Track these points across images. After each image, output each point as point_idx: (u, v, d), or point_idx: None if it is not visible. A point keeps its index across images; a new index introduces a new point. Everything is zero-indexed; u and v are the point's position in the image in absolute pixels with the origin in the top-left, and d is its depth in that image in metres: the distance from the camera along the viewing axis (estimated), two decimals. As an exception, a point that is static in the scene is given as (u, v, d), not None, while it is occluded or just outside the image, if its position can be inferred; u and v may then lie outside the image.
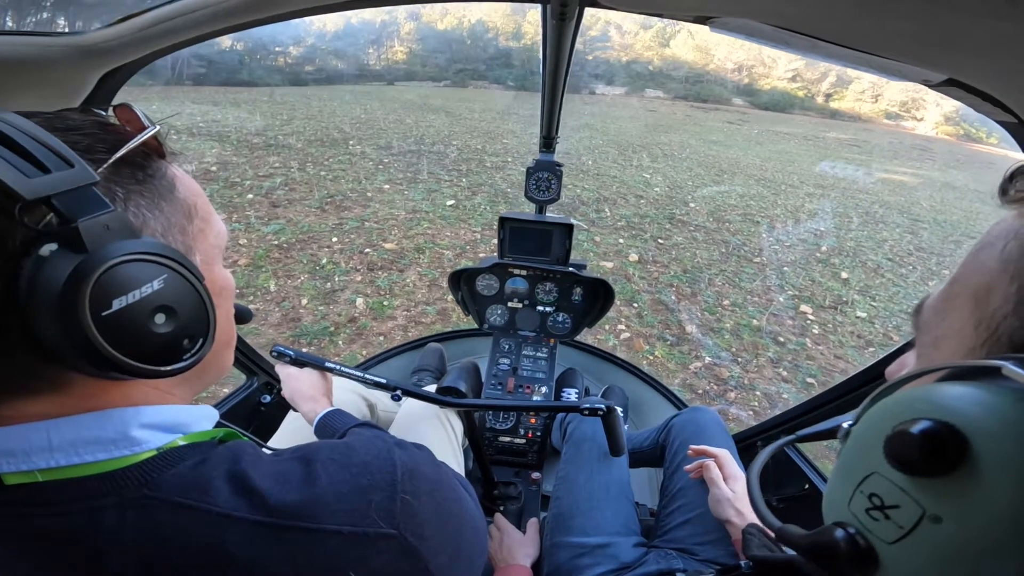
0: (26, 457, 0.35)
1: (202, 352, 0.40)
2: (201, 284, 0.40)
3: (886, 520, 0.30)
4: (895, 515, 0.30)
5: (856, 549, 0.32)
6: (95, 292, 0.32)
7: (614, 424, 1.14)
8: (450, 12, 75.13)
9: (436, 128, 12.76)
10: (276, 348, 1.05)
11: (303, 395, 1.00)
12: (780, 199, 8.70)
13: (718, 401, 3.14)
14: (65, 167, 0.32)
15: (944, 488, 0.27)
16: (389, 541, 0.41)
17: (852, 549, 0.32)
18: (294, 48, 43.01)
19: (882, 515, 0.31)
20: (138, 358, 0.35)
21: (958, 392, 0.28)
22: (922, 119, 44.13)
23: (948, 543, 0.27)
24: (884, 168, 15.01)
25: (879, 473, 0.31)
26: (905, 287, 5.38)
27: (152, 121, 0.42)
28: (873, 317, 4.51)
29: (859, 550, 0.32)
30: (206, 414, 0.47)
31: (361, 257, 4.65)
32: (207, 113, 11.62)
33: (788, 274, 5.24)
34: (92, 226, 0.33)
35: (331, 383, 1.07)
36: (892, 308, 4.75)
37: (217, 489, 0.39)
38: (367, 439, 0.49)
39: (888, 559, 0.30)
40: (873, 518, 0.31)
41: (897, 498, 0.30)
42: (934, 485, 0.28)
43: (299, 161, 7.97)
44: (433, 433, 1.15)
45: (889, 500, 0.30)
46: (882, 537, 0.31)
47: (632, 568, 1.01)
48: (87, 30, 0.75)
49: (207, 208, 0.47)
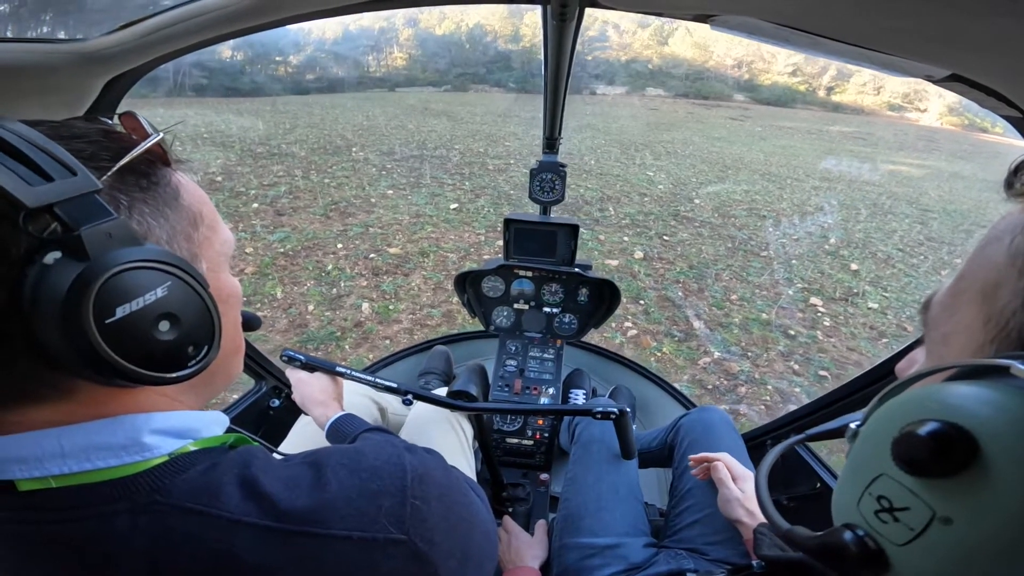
0: (39, 463, 0.36)
1: (208, 359, 0.40)
2: (206, 291, 0.40)
3: (895, 522, 0.30)
4: (904, 517, 0.29)
5: (866, 551, 0.31)
6: (99, 300, 0.32)
7: (626, 427, 1.13)
8: (448, 17, 75.61)
9: (438, 133, 12.79)
10: (286, 353, 1.04)
11: (314, 400, 1.00)
12: (786, 193, 8.64)
13: (728, 396, 3.10)
14: (68, 175, 0.32)
15: (954, 489, 0.27)
16: (398, 546, 0.41)
17: (862, 551, 0.31)
18: (294, 57, 43.45)
19: (891, 517, 0.30)
20: (143, 365, 0.35)
21: (966, 392, 0.27)
22: (925, 110, 43.78)
23: (960, 545, 0.27)
24: (890, 160, 14.88)
25: (887, 475, 0.31)
26: (917, 277, 5.31)
27: (156, 129, 0.42)
28: (885, 308, 4.45)
29: (869, 552, 0.31)
30: (216, 420, 0.47)
31: (366, 262, 4.66)
32: (211, 124, 11.73)
33: (796, 267, 5.20)
34: (95, 234, 0.33)
35: (342, 387, 1.07)
36: (904, 298, 4.69)
37: (228, 495, 0.39)
38: (377, 444, 0.49)
39: (899, 561, 0.30)
40: (882, 520, 0.31)
41: (906, 500, 0.29)
42: (943, 487, 0.27)
43: (303, 169, 8.01)
44: (443, 436, 1.15)
45: (898, 502, 0.30)
46: (892, 539, 0.30)
47: (642, 569, 1.00)
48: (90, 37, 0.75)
49: (213, 216, 0.47)
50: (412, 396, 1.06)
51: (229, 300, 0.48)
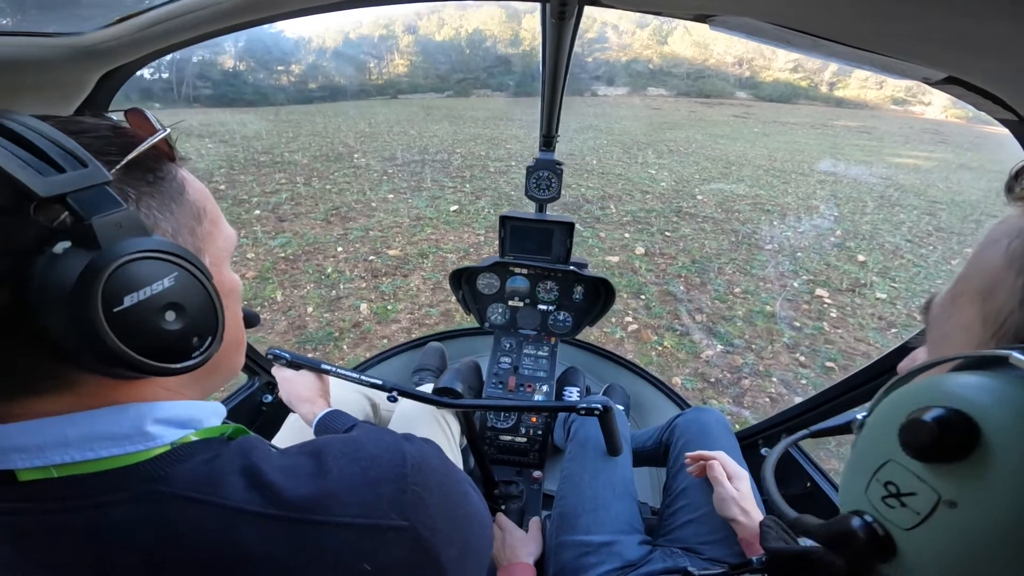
0: (40, 453, 0.35)
1: (211, 351, 0.40)
2: (211, 283, 0.40)
3: (902, 507, 0.31)
4: (911, 502, 0.30)
5: (874, 536, 0.32)
6: (107, 288, 0.32)
7: (611, 424, 1.13)
8: (447, 23, 76.26)
9: (440, 137, 12.87)
10: (272, 351, 1.04)
11: (300, 397, 1.00)
12: (791, 187, 8.60)
13: (731, 389, 3.05)
14: (79, 167, 0.33)
15: (958, 473, 0.28)
16: (400, 533, 0.41)
17: (870, 536, 0.32)
18: (296, 66, 44.00)
19: (898, 502, 0.31)
20: (148, 355, 0.35)
21: (968, 381, 0.29)
22: (930, 103, 43.46)
23: (965, 527, 0.28)
24: (896, 153, 14.76)
25: (895, 461, 0.32)
26: (926, 267, 5.25)
27: (163, 125, 0.43)
28: (894, 298, 4.39)
29: (876, 538, 0.32)
30: (216, 410, 0.48)
31: (366, 264, 4.67)
32: (215, 134, 11.87)
33: (802, 259, 5.15)
34: (105, 224, 0.33)
35: (328, 384, 1.07)
36: (914, 288, 4.63)
37: (231, 484, 0.39)
38: (375, 433, 0.50)
39: (905, 546, 0.31)
40: (889, 505, 0.32)
41: (913, 485, 0.30)
42: (949, 471, 0.29)
43: (305, 176, 8.08)
44: (430, 433, 1.15)
45: (905, 487, 0.31)
46: (899, 524, 0.31)
47: (637, 567, 1.00)
48: (85, 30, 0.75)
49: (216, 212, 0.48)
50: (397, 393, 1.06)
51: (231, 295, 0.49)
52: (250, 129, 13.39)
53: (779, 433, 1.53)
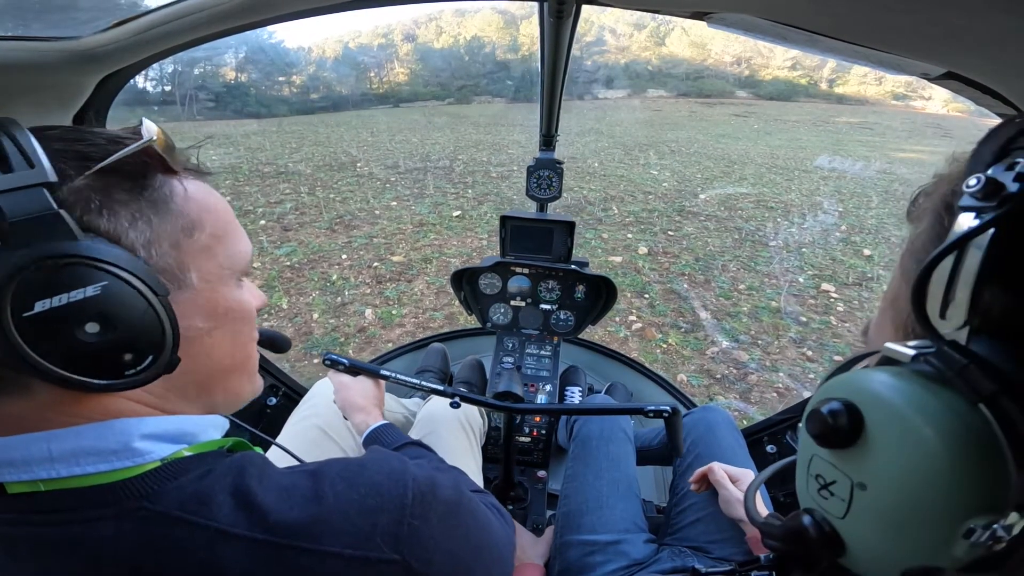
0: (27, 467, 0.35)
1: (153, 370, 0.38)
2: (157, 298, 0.37)
3: (832, 496, 0.33)
4: (836, 490, 0.32)
5: (822, 533, 0.34)
6: (17, 291, 0.31)
7: (677, 426, 1.11)
8: (445, 31, 76.73)
9: (442, 144, 12.92)
10: (328, 356, 1.01)
11: (355, 406, 0.96)
12: (794, 184, 8.55)
13: (738, 385, 3.04)
14: (27, 168, 0.32)
15: (856, 456, 0.31)
16: (392, 567, 0.40)
17: (819, 533, 0.34)
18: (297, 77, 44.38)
19: (828, 492, 0.33)
20: (63, 366, 0.33)
21: (862, 375, 0.32)
22: (930, 98, 43.10)
23: (877, 506, 0.30)
24: (900, 148, 14.66)
25: (817, 455, 0.34)
26: (932, 260, 5.17)
27: (166, 134, 0.42)
28: (901, 292, 4.33)
29: (825, 534, 0.34)
30: (215, 423, 0.46)
31: (370, 271, 4.69)
32: (219, 146, 11.98)
33: (807, 255, 5.11)
34: (25, 224, 0.32)
35: (383, 392, 1.03)
36: (922, 280, 4.56)
37: (218, 503, 0.38)
38: (383, 458, 0.48)
39: (846, 535, 0.32)
40: (823, 497, 0.34)
41: (832, 473, 0.33)
42: (850, 456, 0.31)
43: (308, 186, 8.13)
44: (452, 435, 1.13)
45: (828, 476, 0.33)
46: (835, 514, 0.33)
47: (645, 566, 1.00)
48: (83, 34, 0.74)
49: (220, 227, 0.44)
50: (459, 399, 1.02)
51: (227, 315, 0.45)
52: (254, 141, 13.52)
53: (786, 429, 1.52)
